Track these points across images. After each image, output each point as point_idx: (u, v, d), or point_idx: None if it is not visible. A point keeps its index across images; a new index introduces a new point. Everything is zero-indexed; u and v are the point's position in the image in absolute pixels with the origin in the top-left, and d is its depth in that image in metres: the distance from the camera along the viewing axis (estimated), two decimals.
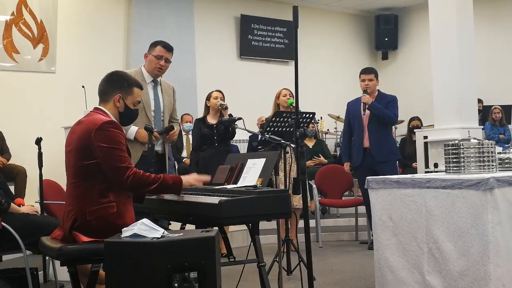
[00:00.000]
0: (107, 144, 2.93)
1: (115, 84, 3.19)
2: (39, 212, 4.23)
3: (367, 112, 5.83)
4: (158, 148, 4.38)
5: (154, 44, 4.45)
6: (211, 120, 5.82)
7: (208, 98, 5.91)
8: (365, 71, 6.07)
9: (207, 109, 5.92)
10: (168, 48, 4.44)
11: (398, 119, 6.73)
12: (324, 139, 9.66)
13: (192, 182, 3.19)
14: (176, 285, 2.49)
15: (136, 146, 4.21)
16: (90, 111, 3.20)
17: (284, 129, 5.15)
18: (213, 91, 5.90)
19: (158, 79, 4.49)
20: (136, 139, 4.23)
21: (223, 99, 5.84)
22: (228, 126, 5.60)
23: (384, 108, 5.83)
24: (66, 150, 3.12)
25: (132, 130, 4.24)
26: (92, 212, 2.92)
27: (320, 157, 8.18)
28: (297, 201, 5.46)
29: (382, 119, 5.80)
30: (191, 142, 7.88)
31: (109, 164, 2.93)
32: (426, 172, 6.57)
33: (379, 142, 5.85)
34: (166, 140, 4.48)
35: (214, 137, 5.77)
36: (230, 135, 5.84)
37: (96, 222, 2.92)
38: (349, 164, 6.12)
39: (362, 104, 5.81)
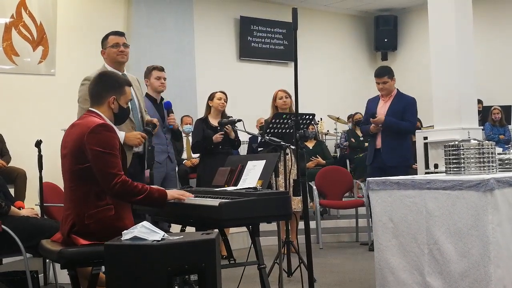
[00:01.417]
0: (100, 147, 2.90)
1: (107, 86, 3.15)
2: (39, 215, 4.22)
3: (382, 114, 5.74)
4: (138, 149, 4.20)
5: (104, 38, 4.34)
6: (214, 121, 5.77)
7: (211, 98, 5.82)
8: (377, 74, 5.94)
9: (208, 109, 5.86)
10: (120, 34, 4.35)
11: None
12: (324, 140, 9.66)
13: (176, 197, 3.14)
14: (176, 287, 2.49)
15: (125, 149, 4.12)
16: (84, 114, 3.17)
17: (284, 130, 5.15)
18: (217, 92, 5.83)
19: (125, 73, 4.30)
20: (126, 144, 3.98)
21: (226, 100, 5.80)
22: (234, 140, 5.68)
23: (401, 113, 5.74)
24: (61, 154, 3.11)
25: (121, 136, 3.95)
26: (90, 215, 2.91)
27: (318, 158, 8.18)
28: (295, 204, 5.39)
29: (399, 132, 5.77)
30: (191, 144, 7.87)
31: (99, 168, 2.90)
32: (426, 173, 6.57)
33: (392, 146, 5.73)
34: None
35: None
36: (237, 145, 5.85)
37: (94, 226, 2.91)
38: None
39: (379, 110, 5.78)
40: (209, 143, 5.65)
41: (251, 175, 3.45)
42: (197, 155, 7.55)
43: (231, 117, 5.53)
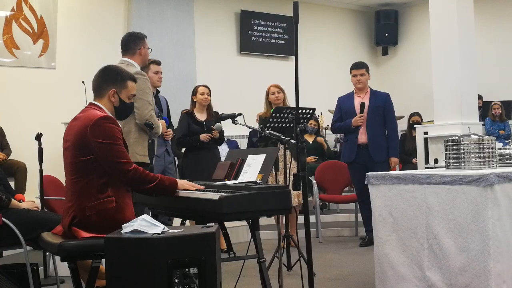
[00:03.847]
0: (104, 139, 2.93)
1: (109, 79, 3.17)
2: (40, 208, 4.22)
3: (365, 110, 5.78)
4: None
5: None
6: (200, 116, 5.77)
7: (194, 93, 5.84)
8: (356, 66, 5.99)
9: (193, 103, 5.86)
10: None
11: (398, 114, 6.76)
12: (324, 135, 9.66)
13: (186, 187, 3.18)
14: (176, 281, 2.49)
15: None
16: (85, 107, 3.18)
17: (284, 124, 5.15)
18: (199, 86, 5.86)
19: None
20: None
21: (209, 94, 5.81)
22: (217, 139, 5.73)
23: (382, 109, 5.84)
24: (63, 147, 3.12)
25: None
26: (91, 207, 2.92)
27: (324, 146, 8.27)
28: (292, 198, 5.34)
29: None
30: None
31: (108, 159, 2.93)
32: (426, 168, 6.59)
33: (378, 141, 5.81)
34: None
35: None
36: (220, 141, 5.86)
37: (95, 218, 2.92)
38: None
39: (359, 104, 5.79)
40: (194, 140, 5.65)
41: (251, 169, 3.46)
42: None
43: (217, 112, 5.56)
